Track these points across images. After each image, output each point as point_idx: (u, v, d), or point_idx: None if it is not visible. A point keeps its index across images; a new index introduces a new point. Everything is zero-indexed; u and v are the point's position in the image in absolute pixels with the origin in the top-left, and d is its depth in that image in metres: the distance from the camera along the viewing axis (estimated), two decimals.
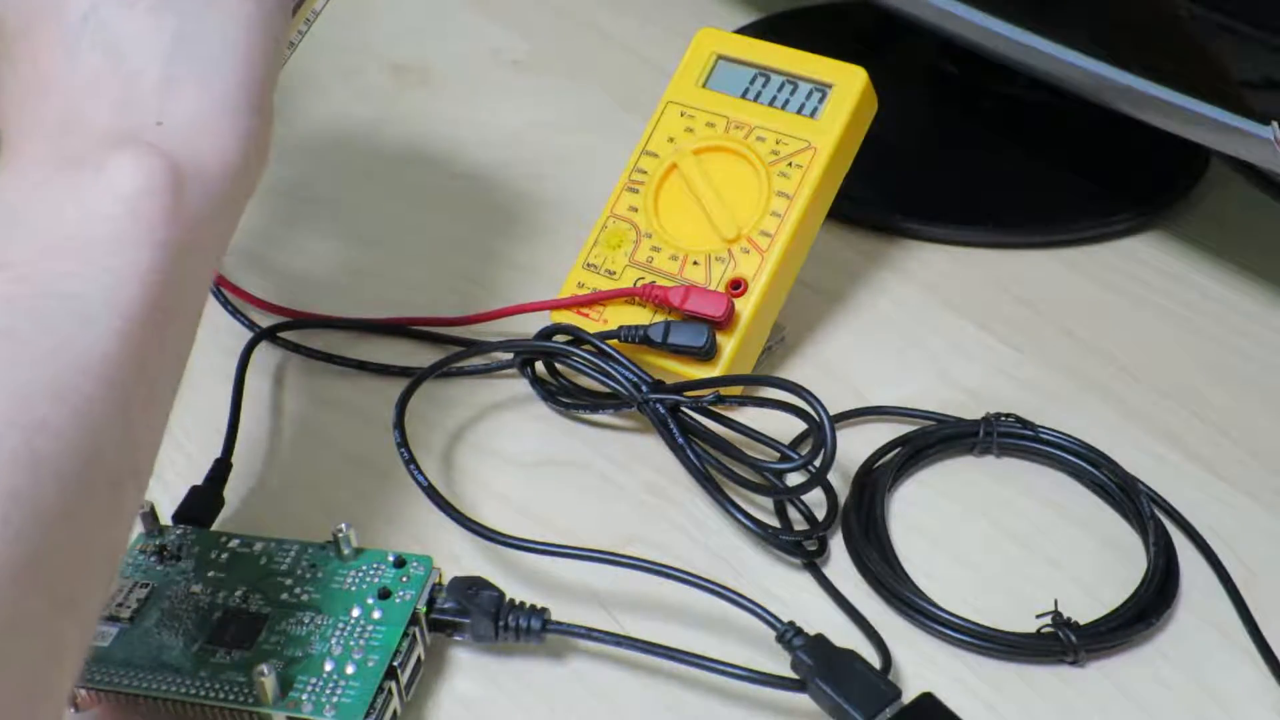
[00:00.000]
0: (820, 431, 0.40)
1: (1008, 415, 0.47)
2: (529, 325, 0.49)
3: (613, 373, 0.45)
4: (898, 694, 0.36)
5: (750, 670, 0.36)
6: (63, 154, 0.31)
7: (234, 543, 0.40)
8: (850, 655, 0.37)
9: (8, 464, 0.26)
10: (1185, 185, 0.60)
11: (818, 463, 0.41)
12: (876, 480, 0.45)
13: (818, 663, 0.36)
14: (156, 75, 0.32)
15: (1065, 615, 0.40)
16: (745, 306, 0.47)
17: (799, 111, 0.49)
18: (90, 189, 0.30)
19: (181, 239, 0.31)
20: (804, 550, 0.42)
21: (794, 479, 0.43)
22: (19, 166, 0.31)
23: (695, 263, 0.48)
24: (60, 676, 0.28)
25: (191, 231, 0.31)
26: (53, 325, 0.29)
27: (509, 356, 0.48)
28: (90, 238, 0.30)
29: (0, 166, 0.32)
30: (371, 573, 0.39)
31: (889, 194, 0.59)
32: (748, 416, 0.45)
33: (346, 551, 0.39)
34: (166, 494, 0.43)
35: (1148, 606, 0.40)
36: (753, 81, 0.50)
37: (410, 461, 0.42)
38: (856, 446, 0.46)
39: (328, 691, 0.35)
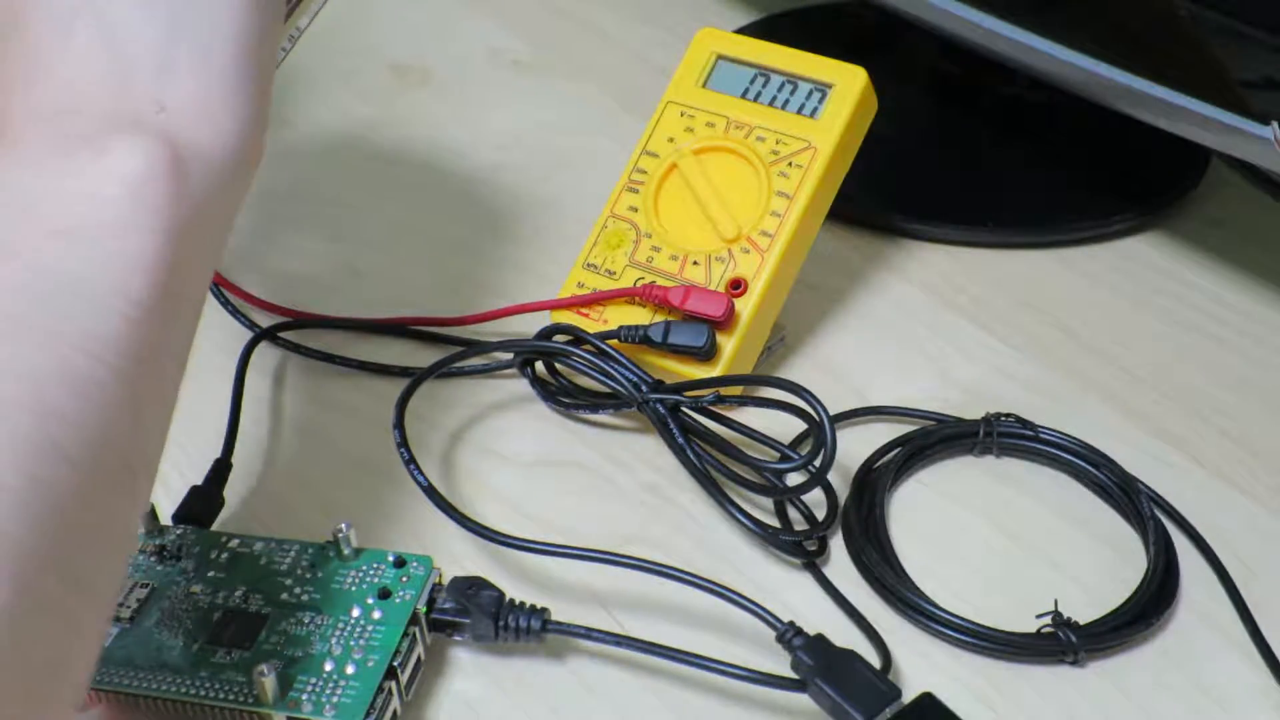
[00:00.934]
0: (820, 431, 0.40)
1: (1008, 415, 0.47)
2: (529, 325, 0.49)
3: (613, 373, 0.45)
4: (898, 694, 0.36)
5: (750, 670, 0.36)
6: (62, 139, 0.31)
7: (234, 543, 0.40)
8: (850, 655, 0.37)
9: (24, 450, 0.26)
10: (1185, 185, 0.60)
11: (818, 463, 0.41)
12: (876, 480, 0.45)
13: (818, 663, 0.36)
14: (153, 58, 0.32)
15: (1065, 615, 0.40)
16: (745, 306, 0.47)
17: (799, 111, 0.49)
18: (92, 172, 0.30)
19: (184, 222, 0.31)
20: (804, 550, 0.42)
21: (794, 479, 0.43)
22: (19, 152, 0.31)
23: (695, 263, 0.48)
24: (80, 657, 0.28)
25: (194, 214, 0.31)
26: (60, 311, 0.28)
27: (509, 356, 0.48)
28: (94, 221, 0.30)
29: (1, 154, 0.32)
30: (371, 573, 0.39)
31: (889, 194, 0.58)
32: (748, 416, 0.46)
33: (346, 551, 0.39)
34: (166, 494, 0.43)
35: (1148, 606, 0.40)
36: (753, 81, 0.50)
37: (410, 461, 0.42)
38: (856, 446, 0.46)
39: (328, 691, 0.35)
